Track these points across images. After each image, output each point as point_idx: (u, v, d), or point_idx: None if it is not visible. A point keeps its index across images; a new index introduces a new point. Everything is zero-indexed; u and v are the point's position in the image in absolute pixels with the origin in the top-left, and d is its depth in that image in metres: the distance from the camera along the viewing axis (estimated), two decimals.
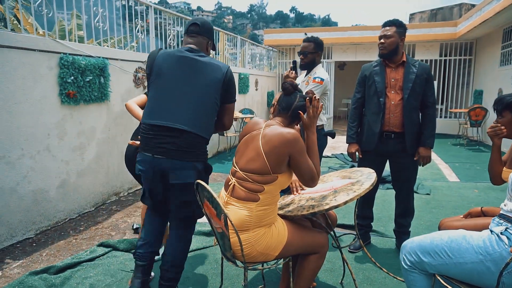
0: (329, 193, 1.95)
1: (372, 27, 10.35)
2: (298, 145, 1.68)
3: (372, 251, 2.89)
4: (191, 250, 2.90)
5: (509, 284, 1.45)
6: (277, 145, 1.68)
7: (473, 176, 5.39)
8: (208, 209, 1.76)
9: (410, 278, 1.75)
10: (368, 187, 1.84)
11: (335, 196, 1.86)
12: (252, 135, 1.81)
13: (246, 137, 1.85)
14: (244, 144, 1.83)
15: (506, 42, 7.82)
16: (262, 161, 1.69)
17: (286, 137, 1.68)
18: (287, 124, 1.85)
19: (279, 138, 1.69)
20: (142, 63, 4.64)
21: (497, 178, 2.06)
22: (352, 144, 2.92)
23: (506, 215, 1.58)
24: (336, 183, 2.09)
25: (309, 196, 2.04)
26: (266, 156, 1.69)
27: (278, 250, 1.75)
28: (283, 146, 1.68)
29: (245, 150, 1.81)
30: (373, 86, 2.80)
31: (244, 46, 9.33)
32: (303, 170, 1.73)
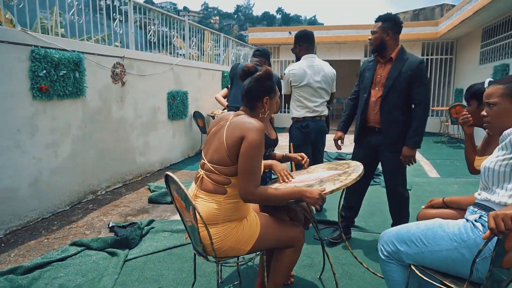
0: (314, 183, 1.89)
1: (356, 26, 10.42)
2: (253, 134, 1.59)
3: (352, 246, 2.86)
4: (166, 248, 2.83)
5: (482, 270, 1.43)
6: (235, 132, 1.63)
7: (453, 172, 5.45)
8: (178, 202, 1.70)
9: (387, 269, 1.73)
10: (355, 177, 1.79)
11: (321, 186, 1.80)
12: (220, 125, 1.77)
13: (214, 128, 1.80)
14: (212, 135, 1.79)
15: (485, 41, 7.96)
16: (223, 151, 1.65)
17: (244, 125, 1.63)
18: (250, 113, 1.78)
19: (239, 125, 1.64)
20: (120, 58, 4.53)
21: (471, 167, 2.06)
22: (337, 131, 3.06)
23: (481, 203, 1.57)
24: (322, 173, 2.05)
25: (294, 185, 1.98)
26: (227, 145, 1.64)
27: (250, 245, 1.70)
28: (239, 132, 1.62)
29: (212, 141, 1.76)
30: (363, 81, 2.82)
31: (228, 47, 9.26)
32: (246, 164, 1.58)
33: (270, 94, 1.80)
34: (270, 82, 1.80)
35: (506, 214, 1.23)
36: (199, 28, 7.44)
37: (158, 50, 6.04)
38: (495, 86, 1.60)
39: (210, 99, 7.54)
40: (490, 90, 1.61)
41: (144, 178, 5.10)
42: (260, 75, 1.77)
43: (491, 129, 1.64)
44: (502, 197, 1.47)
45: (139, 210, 3.79)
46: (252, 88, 1.77)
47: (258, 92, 1.77)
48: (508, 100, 1.55)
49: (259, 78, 1.77)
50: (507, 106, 1.56)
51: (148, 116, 5.25)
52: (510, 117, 1.55)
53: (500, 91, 1.57)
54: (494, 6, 6.36)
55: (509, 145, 1.48)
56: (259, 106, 1.79)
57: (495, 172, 1.50)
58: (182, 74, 6.23)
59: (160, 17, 5.98)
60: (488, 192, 1.55)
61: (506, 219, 1.22)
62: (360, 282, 2.34)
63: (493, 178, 1.52)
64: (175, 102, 5.88)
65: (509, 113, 1.55)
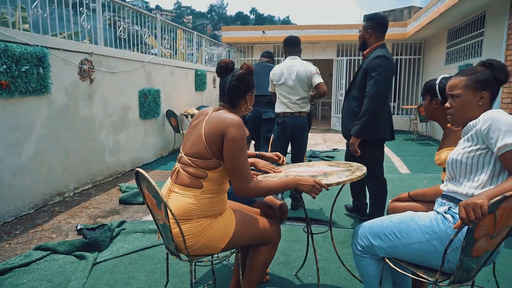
0: (318, 174, 1.93)
1: (328, 26, 10.57)
2: (233, 131, 1.58)
3: (327, 241, 2.87)
4: (138, 249, 2.74)
5: (453, 261, 1.45)
6: (215, 127, 1.62)
7: (423, 168, 5.62)
8: (149, 200, 1.63)
9: (362, 263, 1.74)
10: (360, 174, 1.84)
11: (326, 177, 1.84)
12: (199, 119, 1.76)
13: (194, 122, 1.78)
14: (191, 129, 1.77)
15: (451, 42, 8.27)
16: (202, 144, 1.62)
17: (224, 120, 1.62)
18: (230, 109, 1.77)
19: (218, 121, 1.63)
20: (88, 54, 4.36)
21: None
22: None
23: (448, 195, 1.60)
24: (325, 168, 2.10)
25: (296, 174, 2.00)
26: (205, 139, 1.62)
27: (224, 242, 1.66)
28: (219, 128, 1.60)
29: (190, 135, 1.75)
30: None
31: (201, 47, 9.16)
32: (232, 162, 1.59)
33: (252, 89, 1.79)
34: (251, 77, 1.78)
35: (476, 203, 1.25)
36: (171, 25, 7.30)
37: (130, 49, 5.87)
38: (458, 78, 1.61)
39: (184, 98, 7.42)
40: (453, 82, 1.62)
41: (115, 179, 4.94)
42: (243, 73, 1.74)
43: (455, 121, 1.64)
44: (469, 189, 1.50)
45: (109, 212, 3.65)
46: (235, 86, 1.74)
47: (241, 90, 1.75)
48: (470, 91, 1.56)
49: (243, 77, 1.74)
50: (470, 97, 1.56)
51: (118, 115, 5.09)
52: (473, 108, 1.56)
53: (463, 83, 1.58)
54: (458, 8, 6.61)
55: (474, 137, 1.51)
56: (242, 103, 1.78)
57: (463, 163, 1.53)
58: (154, 72, 6.09)
59: (131, 14, 5.81)
60: (454, 184, 1.58)
61: (476, 208, 1.24)
62: (335, 278, 2.35)
63: (460, 170, 1.54)
64: (147, 100, 5.73)
65: (472, 104, 1.57)
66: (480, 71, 1.57)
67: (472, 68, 1.61)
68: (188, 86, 7.69)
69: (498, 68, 1.55)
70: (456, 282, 1.45)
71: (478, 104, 1.56)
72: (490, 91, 1.56)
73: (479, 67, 1.60)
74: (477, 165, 1.50)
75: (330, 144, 8.03)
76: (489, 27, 6.23)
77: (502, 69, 1.55)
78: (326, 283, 2.28)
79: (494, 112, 1.48)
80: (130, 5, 5.80)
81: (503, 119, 1.44)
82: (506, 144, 1.40)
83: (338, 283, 2.29)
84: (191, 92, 7.81)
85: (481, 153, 1.49)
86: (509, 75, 1.57)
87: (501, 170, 1.48)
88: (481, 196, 1.30)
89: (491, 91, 1.56)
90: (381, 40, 2.83)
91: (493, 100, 1.59)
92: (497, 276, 1.94)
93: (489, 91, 1.56)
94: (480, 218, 1.24)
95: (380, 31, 2.83)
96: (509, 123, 1.42)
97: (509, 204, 1.32)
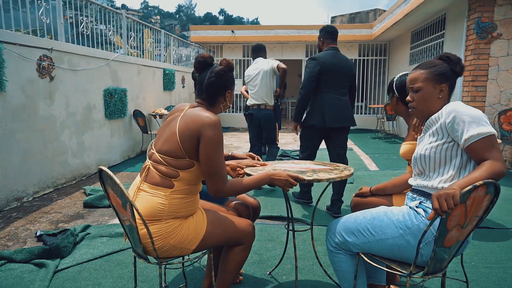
0: (307, 171, 1.93)
1: (297, 26, 10.67)
2: (210, 131, 1.50)
3: (301, 239, 2.85)
4: (103, 254, 2.60)
5: (426, 255, 1.46)
6: (190, 125, 1.53)
7: (390, 165, 5.77)
8: (114, 200, 1.53)
9: (336, 260, 1.72)
10: (348, 174, 1.87)
11: (316, 173, 1.85)
12: (174, 115, 1.67)
13: (169, 118, 1.69)
14: (165, 125, 1.68)
15: (414, 43, 8.58)
16: (175, 142, 1.53)
17: (200, 119, 1.53)
18: (208, 107, 1.68)
19: (194, 119, 1.54)
20: (47, 50, 4.12)
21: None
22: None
23: (417, 189, 1.61)
24: (312, 165, 2.11)
25: (284, 168, 1.99)
26: (179, 136, 1.53)
27: (195, 243, 1.58)
28: (195, 127, 1.52)
29: (163, 131, 1.65)
30: None
31: (169, 46, 8.96)
32: (209, 163, 1.52)
33: (231, 86, 1.71)
34: (231, 74, 1.71)
35: (448, 193, 1.25)
36: (138, 23, 7.08)
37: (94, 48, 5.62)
38: (418, 72, 1.62)
39: (152, 98, 7.22)
40: (413, 75, 1.63)
41: (79, 182, 4.70)
42: (222, 69, 1.66)
43: (417, 114, 1.66)
44: (439, 183, 1.51)
45: (72, 216, 3.45)
46: (214, 83, 1.65)
47: (220, 87, 1.66)
48: (431, 83, 1.58)
49: (222, 73, 1.66)
50: (431, 89, 1.58)
51: (82, 115, 4.85)
52: (434, 101, 1.59)
53: (423, 76, 1.59)
54: (420, 10, 6.86)
55: (439, 131, 1.52)
56: (221, 101, 1.70)
57: (431, 158, 1.54)
58: (120, 70, 5.87)
59: (95, 10, 5.57)
60: (423, 179, 1.59)
61: (448, 199, 1.25)
62: (309, 275, 2.33)
63: (429, 165, 1.55)
64: (112, 100, 5.51)
65: (433, 97, 1.58)
66: (438, 64, 1.59)
67: (430, 62, 1.63)
68: (156, 86, 7.49)
69: (454, 61, 1.58)
70: (429, 273, 1.46)
71: (438, 97, 1.58)
72: (449, 84, 1.59)
73: (437, 60, 1.62)
74: (445, 159, 1.51)
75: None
76: (449, 29, 6.50)
77: (458, 62, 1.59)
78: (301, 280, 2.25)
79: (455, 104, 1.50)
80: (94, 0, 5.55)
81: (465, 110, 1.46)
82: (471, 135, 1.42)
83: (313, 280, 2.27)
84: (159, 92, 7.61)
85: (448, 147, 1.50)
86: (464, 68, 1.61)
87: (467, 161, 1.50)
88: (452, 187, 1.31)
89: (449, 84, 1.59)
90: (332, 44, 3.37)
91: (451, 92, 1.62)
92: (464, 267, 1.99)
93: (448, 83, 1.59)
94: (452, 208, 1.25)
95: (329, 37, 3.36)
96: (471, 114, 1.45)
97: (479, 193, 1.34)
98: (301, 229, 2.53)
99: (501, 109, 5.28)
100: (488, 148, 1.42)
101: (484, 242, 2.79)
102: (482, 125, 1.43)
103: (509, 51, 5.25)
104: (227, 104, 1.74)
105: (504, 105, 5.33)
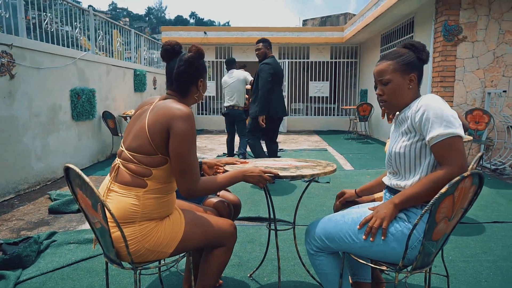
0: (290, 167, 1.87)
1: (270, 28, 10.70)
2: (181, 124, 1.38)
3: (281, 240, 2.79)
4: (71, 262, 2.42)
5: (412, 257, 1.41)
6: (160, 118, 1.41)
7: (365, 164, 5.84)
8: (83, 200, 1.39)
9: (318, 263, 1.63)
10: (332, 169, 1.83)
11: (299, 169, 1.80)
12: (143, 109, 1.54)
13: (138, 112, 1.56)
14: (134, 120, 1.54)
15: (384, 46, 8.80)
16: (145, 137, 1.41)
17: (171, 111, 1.41)
18: (180, 98, 1.56)
19: (164, 111, 1.42)
20: (7, 46, 3.85)
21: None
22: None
23: (393, 189, 1.56)
24: (294, 162, 2.06)
25: (266, 165, 1.90)
26: (149, 131, 1.41)
27: (172, 247, 1.47)
28: (164, 120, 1.40)
29: (133, 127, 1.52)
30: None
31: (140, 47, 8.71)
32: (179, 159, 1.39)
33: (204, 74, 1.58)
34: (202, 61, 1.58)
35: (380, 217, 1.43)
36: (106, 22, 6.82)
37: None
38: (385, 63, 1.53)
39: (122, 99, 6.97)
40: (380, 67, 1.54)
41: (43, 187, 4.42)
42: (192, 56, 1.53)
43: (389, 107, 1.57)
44: (412, 183, 1.47)
45: (36, 223, 3.22)
46: (184, 72, 1.52)
47: (191, 76, 1.53)
48: (399, 74, 1.50)
49: (191, 61, 1.53)
50: (400, 81, 1.50)
51: (47, 116, 4.58)
52: (405, 91, 1.51)
53: (391, 67, 1.51)
54: (390, 14, 7.04)
55: (411, 129, 1.47)
56: (193, 91, 1.56)
57: (406, 157, 1.49)
58: (88, 70, 5.61)
59: (59, 9, 5.30)
60: (399, 179, 1.54)
61: (378, 220, 1.43)
62: (290, 276, 2.26)
63: (405, 164, 1.50)
64: (80, 100, 5.25)
65: (404, 87, 1.51)
66: (405, 54, 1.52)
67: (396, 51, 1.55)
68: (127, 87, 7.24)
69: (420, 49, 1.52)
70: (417, 267, 1.43)
71: (408, 87, 1.51)
72: (417, 73, 1.52)
73: (402, 49, 1.55)
74: (420, 157, 1.47)
75: None
76: (417, 32, 6.70)
77: (423, 49, 1.53)
78: (283, 281, 2.18)
79: (427, 99, 1.43)
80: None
81: (433, 107, 1.39)
82: (432, 136, 1.37)
83: (295, 281, 2.20)
84: (129, 93, 7.36)
85: (421, 145, 1.46)
86: (429, 55, 1.56)
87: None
88: (389, 206, 1.44)
89: (417, 73, 1.52)
90: (271, 53, 4.40)
91: (420, 81, 1.56)
92: (444, 261, 2.00)
93: (416, 72, 1.52)
94: (375, 228, 1.42)
95: (270, 48, 4.43)
96: (437, 112, 1.38)
97: (465, 185, 1.32)
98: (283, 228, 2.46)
99: (467, 109, 5.48)
100: (446, 151, 1.36)
101: (460, 237, 2.84)
102: (444, 125, 1.36)
103: (473, 53, 5.47)
104: (201, 94, 1.61)
105: (470, 105, 5.53)
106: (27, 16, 4.72)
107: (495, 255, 2.52)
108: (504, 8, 5.33)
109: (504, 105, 5.44)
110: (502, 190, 4.18)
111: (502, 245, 2.68)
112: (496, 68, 5.46)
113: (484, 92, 5.49)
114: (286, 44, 10.86)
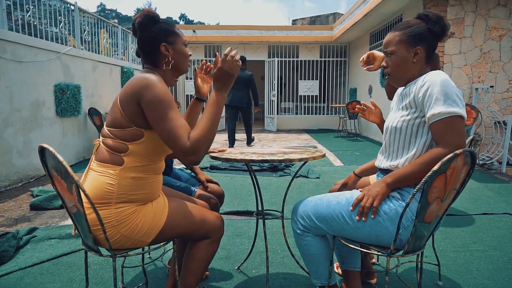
0: (278, 152, 1.84)
1: (260, 26, 10.67)
2: (148, 93, 1.28)
3: (270, 232, 2.73)
4: (52, 257, 2.32)
5: (405, 239, 1.37)
6: (128, 90, 1.33)
7: (354, 160, 5.83)
8: (59, 183, 1.31)
9: (304, 243, 1.56)
10: (320, 155, 1.77)
11: (287, 154, 1.77)
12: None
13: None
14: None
15: (373, 44, 8.83)
16: (117, 110, 1.35)
17: (137, 81, 1.32)
18: (153, 68, 1.45)
19: (132, 83, 1.34)
20: None
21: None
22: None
23: (386, 169, 1.52)
24: (282, 149, 2.02)
25: (253, 152, 1.86)
26: (120, 103, 1.34)
27: (151, 236, 1.39)
28: (132, 91, 1.31)
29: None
30: None
31: (128, 44, 8.58)
32: (159, 128, 1.28)
33: (167, 38, 1.43)
34: (158, 24, 1.43)
35: (371, 195, 1.40)
36: (92, 18, 6.69)
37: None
38: (392, 34, 1.46)
39: (109, 96, 6.84)
40: (387, 38, 1.48)
41: (25, 184, 4.28)
42: (141, 21, 1.41)
43: (394, 80, 1.51)
44: (404, 162, 1.44)
45: (17, 219, 3.10)
46: (141, 40, 1.43)
47: (149, 40, 1.42)
48: (404, 46, 1.43)
49: (143, 26, 1.42)
50: (404, 53, 1.43)
51: (29, 111, 4.45)
52: (408, 65, 1.44)
53: (396, 38, 1.44)
54: (378, 11, 7.06)
55: (413, 103, 1.41)
56: (161, 57, 1.44)
57: (402, 132, 1.44)
58: (73, 65, 5.49)
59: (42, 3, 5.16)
60: (393, 158, 1.50)
61: (370, 199, 1.39)
62: (279, 267, 2.20)
63: (399, 139, 1.46)
64: (64, 96, 5.12)
65: (407, 61, 1.43)
66: (414, 24, 1.44)
67: (407, 22, 1.47)
68: (114, 83, 7.11)
69: (433, 20, 1.41)
70: (409, 251, 1.38)
71: (413, 61, 1.43)
72: (425, 46, 1.43)
73: (414, 19, 1.47)
74: (416, 135, 1.42)
75: (265, 143, 8.03)
76: None
77: (438, 20, 1.41)
78: (271, 273, 2.12)
79: (433, 75, 1.36)
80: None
81: (439, 83, 1.32)
82: (433, 114, 1.32)
83: (284, 273, 2.14)
84: (117, 90, 7.23)
85: (419, 122, 1.40)
86: (446, 27, 1.44)
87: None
88: (382, 183, 1.40)
89: (426, 46, 1.43)
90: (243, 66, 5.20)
91: (429, 56, 1.47)
92: (435, 249, 1.96)
93: (424, 46, 1.42)
94: (367, 207, 1.38)
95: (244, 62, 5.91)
96: (441, 89, 1.32)
97: (458, 164, 1.28)
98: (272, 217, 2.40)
99: None
100: (445, 131, 1.30)
101: (450, 228, 2.82)
102: (448, 103, 1.30)
103: (461, 49, 5.50)
104: (169, 61, 1.44)
105: None
106: (14, 17, 4.61)
107: (485, 245, 2.51)
108: (491, 4, 5.39)
109: (491, 100, 5.48)
110: (490, 184, 4.19)
111: (492, 236, 2.67)
112: (483, 64, 5.51)
113: (472, 88, 5.53)
114: (275, 43, 10.83)
